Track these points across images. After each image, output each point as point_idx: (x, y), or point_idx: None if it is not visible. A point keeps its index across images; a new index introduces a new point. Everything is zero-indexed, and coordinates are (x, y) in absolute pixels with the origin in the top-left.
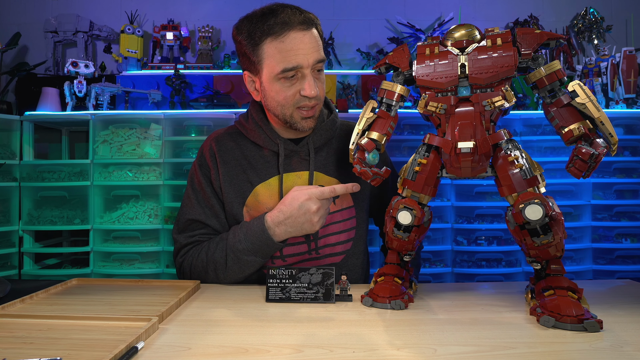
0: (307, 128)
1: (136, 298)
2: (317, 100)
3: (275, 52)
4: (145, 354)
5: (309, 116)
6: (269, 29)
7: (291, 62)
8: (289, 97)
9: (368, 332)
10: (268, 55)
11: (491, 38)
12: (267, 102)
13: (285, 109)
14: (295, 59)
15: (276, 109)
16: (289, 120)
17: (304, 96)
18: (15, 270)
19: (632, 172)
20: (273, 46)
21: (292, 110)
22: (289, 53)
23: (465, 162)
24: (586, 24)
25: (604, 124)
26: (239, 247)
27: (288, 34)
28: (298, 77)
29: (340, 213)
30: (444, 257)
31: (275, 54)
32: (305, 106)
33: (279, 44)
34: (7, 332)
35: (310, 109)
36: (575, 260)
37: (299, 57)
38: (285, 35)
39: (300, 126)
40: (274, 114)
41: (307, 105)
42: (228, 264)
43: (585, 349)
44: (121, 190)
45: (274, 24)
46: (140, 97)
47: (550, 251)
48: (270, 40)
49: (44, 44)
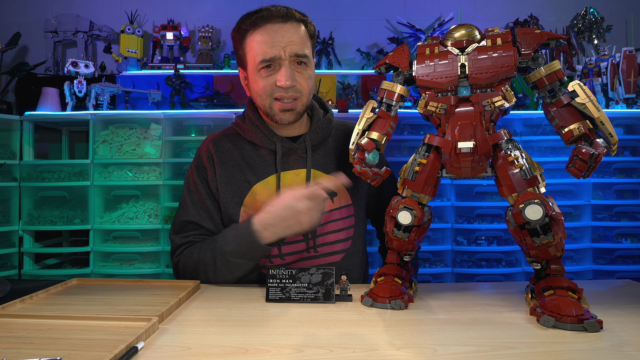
0: (286, 121)
1: (136, 298)
2: (295, 92)
3: (255, 44)
4: (145, 354)
5: (287, 109)
6: (251, 23)
7: (267, 53)
8: (265, 87)
9: (368, 332)
10: (250, 47)
11: (491, 38)
12: (252, 94)
13: (264, 99)
14: (271, 50)
15: (257, 99)
16: (269, 111)
17: (279, 87)
18: (15, 270)
19: (632, 172)
20: (253, 38)
21: (269, 100)
22: (265, 44)
23: (465, 162)
24: (586, 24)
25: (604, 124)
26: (227, 249)
27: (265, 26)
28: (275, 69)
29: (339, 211)
30: (444, 257)
31: (255, 46)
32: (282, 97)
33: (257, 35)
34: (7, 332)
35: (290, 102)
36: (575, 260)
37: (275, 48)
38: (263, 27)
39: (279, 118)
40: (258, 106)
41: (283, 96)
42: (217, 266)
43: (585, 349)
44: (121, 190)
45: (256, 18)
46: (140, 97)
47: (550, 251)
48: (252, 32)
49: (44, 44)
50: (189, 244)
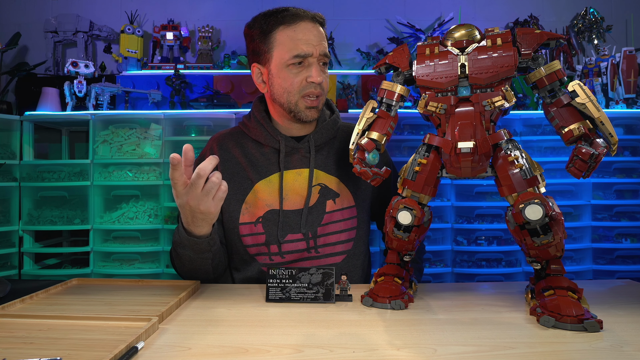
0: (310, 118)
1: (136, 298)
2: (321, 90)
3: (286, 39)
4: (145, 354)
5: (313, 106)
6: (282, 19)
7: (302, 50)
8: (295, 83)
9: (368, 332)
10: (279, 42)
11: (491, 38)
12: (274, 91)
13: (292, 96)
14: (305, 47)
15: (282, 96)
16: (294, 108)
17: (311, 82)
18: (15, 270)
19: (632, 172)
20: (285, 34)
21: (297, 97)
22: (300, 41)
23: (465, 162)
24: (586, 24)
25: (604, 124)
26: (175, 239)
27: (299, 24)
28: (305, 65)
29: (341, 212)
30: (444, 257)
31: (287, 41)
32: (311, 94)
33: (290, 32)
34: (7, 332)
35: (315, 99)
36: (575, 260)
37: (310, 46)
38: (297, 24)
39: (304, 115)
40: (279, 103)
41: (312, 92)
42: (173, 255)
43: (585, 349)
44: (121, 190)
45: (286, 15)
46: (140, 97)
47: (550, 251)
48: (283, 29)
49: (44, 44)
50: None
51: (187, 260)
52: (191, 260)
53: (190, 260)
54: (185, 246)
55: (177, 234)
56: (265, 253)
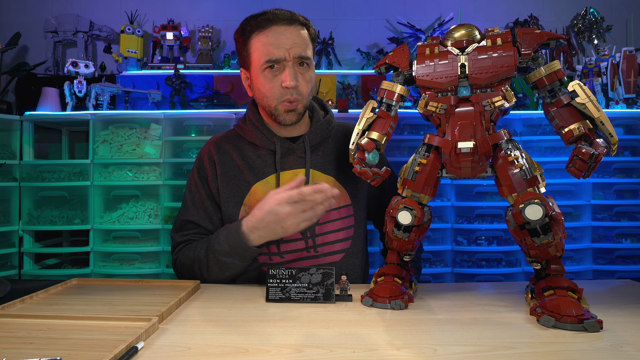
0: (289, 122)
1: (136, 298)
2: (298, 95)
3: (260, 45)
4: (145, 354)
5: (291, 109)
6: (257, 24)
7: (273, 54)
8: (271, 88)
9: (368, 332)
10: (255, 48)
11: (491, 38)
12: (256, 95)
13: (270, 101)
14: (276, 51)
15: (262, 100)
16: (274, 112)
17: (284, 87)
18: (15, 270)
19: (632, 172)
20: (258, 39)
21: (275, 102)
22: (271, 45)
23: (465, 162)
24: (586, 24)
25: (604, 124)
26: (218, 248)
27: (271, 28)
28: (280, 70)
29: (338, 211)
30: (444, 257)
31: (260, 47)
32: (287, 99)
33: (263, 37)
34: (7, 332)
35: (291, 103)
36: (575, 260)
37: (281, 50)
38: (269, 29)
39: (283, 118)
40: (262, 107)
41: (288, 99)
42: (209, 264)
43: (585, 349)
44: (121, 190)
45: (261, 20)
46: (140, 97)
47: (550, 251)
48: (257, 34)
49: (44, 44)
50: (187, 242)
51: (228, 268)
52: (234, 267)
53: (231, 268)
54: (234, 254)
55: (220, 244)
56: (264, 253)
